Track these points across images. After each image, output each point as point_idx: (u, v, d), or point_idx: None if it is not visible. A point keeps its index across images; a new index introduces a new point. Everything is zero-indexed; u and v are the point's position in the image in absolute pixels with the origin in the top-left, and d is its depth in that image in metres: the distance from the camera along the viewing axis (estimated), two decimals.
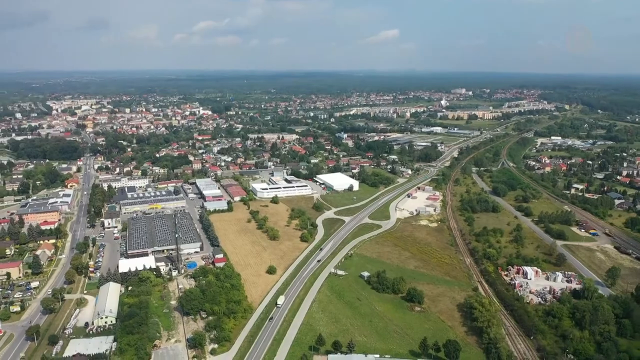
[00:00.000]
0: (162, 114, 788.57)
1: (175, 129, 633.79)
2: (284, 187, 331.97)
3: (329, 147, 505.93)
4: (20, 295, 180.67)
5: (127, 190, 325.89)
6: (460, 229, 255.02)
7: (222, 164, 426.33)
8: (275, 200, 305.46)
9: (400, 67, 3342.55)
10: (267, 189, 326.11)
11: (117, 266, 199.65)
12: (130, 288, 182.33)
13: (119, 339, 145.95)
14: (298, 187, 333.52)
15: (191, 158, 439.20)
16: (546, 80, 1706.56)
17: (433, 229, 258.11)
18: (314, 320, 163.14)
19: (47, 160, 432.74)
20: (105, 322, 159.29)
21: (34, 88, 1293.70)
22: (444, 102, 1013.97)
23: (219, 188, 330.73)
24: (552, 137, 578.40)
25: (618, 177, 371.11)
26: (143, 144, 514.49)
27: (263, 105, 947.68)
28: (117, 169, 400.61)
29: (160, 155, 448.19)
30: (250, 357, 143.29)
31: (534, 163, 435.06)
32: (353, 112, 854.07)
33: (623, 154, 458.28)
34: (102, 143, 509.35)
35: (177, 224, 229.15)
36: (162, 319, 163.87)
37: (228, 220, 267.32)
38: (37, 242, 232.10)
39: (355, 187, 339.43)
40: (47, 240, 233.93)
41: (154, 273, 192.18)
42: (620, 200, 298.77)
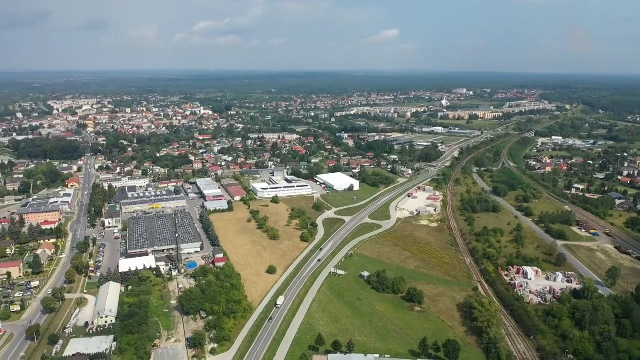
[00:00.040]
0: (162, 113, 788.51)
1: (176, 128, 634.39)
2: (284, 187, 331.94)
3: (330, 147, 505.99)
4: (21, 295, 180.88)
5: (127, 190, 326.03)
6: (461, 229, 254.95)
7: (223, 163, 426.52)
8: (275, 200, 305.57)
9: (400, 67, 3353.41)
10: (267, 188, 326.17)
11: (117, 266, 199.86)
12: (130, 288, 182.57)
13: (119, 339, 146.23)
14: (298, 186, 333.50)
15: (192, 158, 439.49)
16: (547, 80, 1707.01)
17: (433, 228, 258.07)
18: (313, 320, 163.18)
19: (48, 160, 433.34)
20: (106, 322, 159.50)
21: (35, 88, 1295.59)
22: (444, 102, 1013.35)
23: (219, 188, 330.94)
24: (553, 137, 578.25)
25: (619, 177, 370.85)
26: (144, 143, 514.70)
27: (264, 105, 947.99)
28: (118, 169, 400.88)
29: (160, 155, 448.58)
30: (250, 357, 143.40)
31: (534, 163, 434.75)
32: (354, 112, 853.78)
33: (624, 154, 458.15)
34: (102, 143, 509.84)
35: (178, 224, 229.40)
36: (162, 318, 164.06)
37: (228, 220, 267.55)
38: (38, 241, 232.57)
39: (356, 187, 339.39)
40: (48, 240, 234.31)
41: (154, 273, 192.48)
42: (621, 200, 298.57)
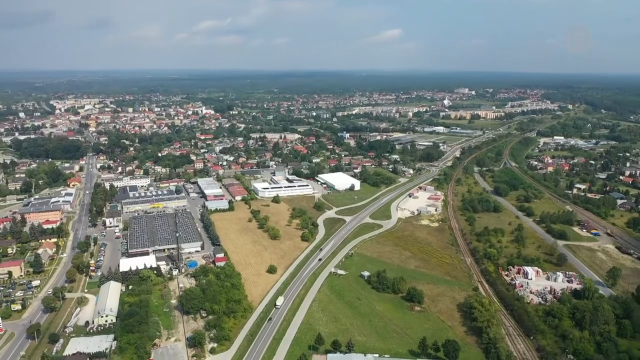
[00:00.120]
0: (164, 113, 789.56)
1: (177, 128, 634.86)
2: (285, 187, 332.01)
3: (331, 146, 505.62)
4: (22, 294, 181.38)
5: (128, 189, 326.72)
6: (461, 229, 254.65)
7: (224, 163, 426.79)
8: (276, 199, 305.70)
9: (402, 67, 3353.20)
10: (268, 188, 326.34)
11: (118, 265, 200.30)
12: (130, 287, 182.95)
13: (119, 338, 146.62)
14: (299, 186, 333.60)
15: (193, 157, 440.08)
16: (549, 80, 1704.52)
17: (434, 228, 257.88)
18: (313, 320, 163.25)
19: (50, 160, 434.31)
20: (106, 321, 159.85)
21: (37, 87, 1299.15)
22: (446, 101, 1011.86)
23: (220, 187, 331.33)
24: (555, 137, 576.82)
25: (621, 177, 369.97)
26: (145, 143, 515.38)
27: (266, 105, 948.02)
28: (119, 168, 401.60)
29: (162, 154, 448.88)
30: (249, 356, 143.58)
31: (536, 163, 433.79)
32: (355, 111, 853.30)
33: (626, 154, 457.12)
34: (104, 142, 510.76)
35: (178, 223, 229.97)
36: (162, 317, 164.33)
37: (229, 220, 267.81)
38: (39, 241, 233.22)
39: (357, 187, 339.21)
40: (49, 239, 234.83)
41: (155, 272, 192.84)
42: (622, 200, 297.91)
